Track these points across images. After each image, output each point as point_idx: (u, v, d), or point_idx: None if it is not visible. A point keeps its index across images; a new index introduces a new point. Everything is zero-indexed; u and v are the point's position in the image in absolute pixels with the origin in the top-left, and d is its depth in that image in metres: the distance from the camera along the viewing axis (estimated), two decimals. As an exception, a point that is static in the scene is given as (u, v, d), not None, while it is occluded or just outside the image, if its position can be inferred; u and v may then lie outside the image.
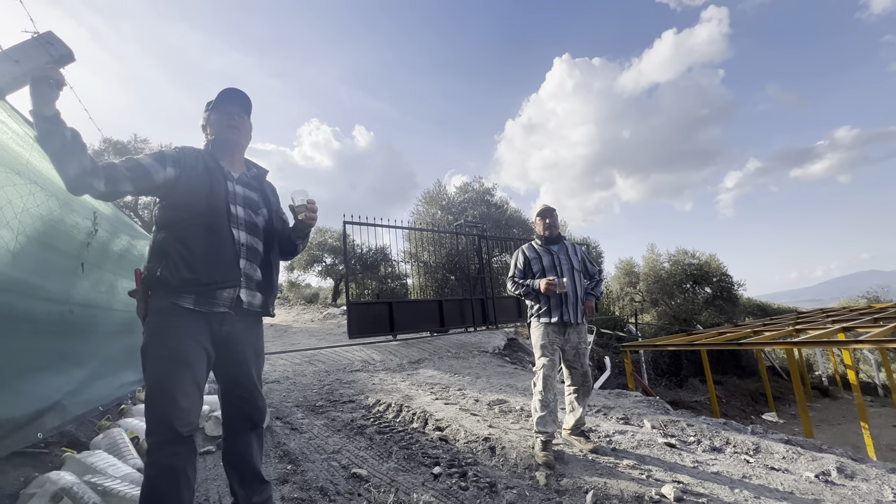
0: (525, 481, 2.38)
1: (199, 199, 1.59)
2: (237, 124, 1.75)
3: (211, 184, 1.63)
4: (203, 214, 1.58)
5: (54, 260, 2.29)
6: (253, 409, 1.74)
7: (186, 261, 1.52)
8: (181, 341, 1.49)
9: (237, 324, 1.66)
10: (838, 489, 2.33)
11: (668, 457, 2.74)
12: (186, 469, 1.46)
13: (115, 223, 3.35)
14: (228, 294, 1.60)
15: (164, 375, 1.46)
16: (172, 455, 1.43)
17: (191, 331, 1.52)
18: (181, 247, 1.53)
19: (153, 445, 1.44)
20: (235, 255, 1.62)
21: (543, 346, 2.80)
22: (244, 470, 1.73)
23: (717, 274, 18.89)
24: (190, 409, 1.47)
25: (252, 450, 1.75)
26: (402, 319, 8.34)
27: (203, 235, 1.56)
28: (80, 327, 2.64)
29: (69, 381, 2.33)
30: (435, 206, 17.41)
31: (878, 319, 8.61)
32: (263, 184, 1.89)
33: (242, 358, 1.69)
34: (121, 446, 2.22)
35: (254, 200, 1.77)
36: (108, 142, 13.43)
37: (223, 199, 1.64)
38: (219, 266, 1.57)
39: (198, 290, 1.53)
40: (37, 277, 2.07)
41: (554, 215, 3.06)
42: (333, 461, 2.65)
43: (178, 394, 1.45)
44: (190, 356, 1.50)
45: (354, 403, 4.04)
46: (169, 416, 1.42)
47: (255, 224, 1.73)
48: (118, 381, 3.16)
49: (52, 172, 2.31)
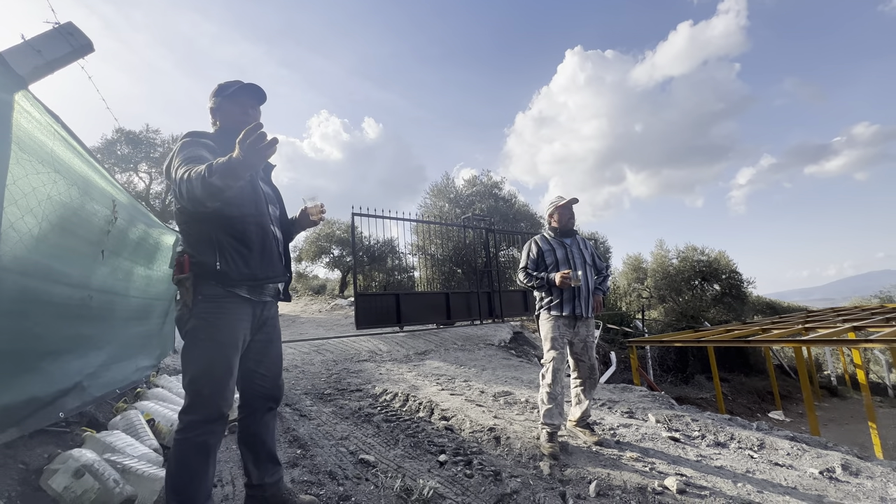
0: (529, 470, 2.42)
1: (247, 197, 1.67)
2: (249, 117, 1.76)
3: (252, 184, 1.71)
4: (253, 214, 1.68)
5: (76, 246, 2.35)
6: (274, 387, 1.84)
7: (245, 258, 1.62)
8: (233, 327, 1.60)
9: (272, 310, 1.82)
10: (842, 486, 2.34)
11: (672, 450, 2.76)
12: (216, 447, 1.56)
13: (131, 212, 3.42)
14: (274, 286, 1.77)
15: (216, 358, 1.55)
16: (209, 433, 1.52)
17: (241, 317, 1.63)
18: (239, 244, 1.62)
19: (190, 423, 1.51)
20: (279, 252, 1.77)
21: (554, 338, 2.81)
22: (259, 450, 1.80)
23: (726, 271, 18.70)
24: (233, 391, 1.61)
25: (268, 430, 1.84)
26: (408, 311, 8.40)
27: (258, 235, 1.67)
28: (99, 313, 2.72)
29: (89, 364, 2.41)
30: (443, 199, 17.40)
31: (889, 319, 8.49)
32: (270, 176, 1.96)
33: (269, 338, 1.81)
34: (137, 428, 2.29)
35: (273, 196, 1.88)
36: (121, 131, 13.57)
37: (263, 199, 1.74)
38: (271, 263, 1.71)
39: (251, 284, 1.65)
40: (59, 263, 2.14)
41: (572, 207, 3.05)
42: (342, 447, 2.71)
43: (227, 376, 1.56)
44: (238, 341, 1.62)
45: (362, 392, 4.11)
46: (216, 395, 1.53)
47: (278, 218, 1.87)
48: (134, 366, 3.26)
49: (74, 161, 2.37)
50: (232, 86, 1.74)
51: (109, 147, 13.49)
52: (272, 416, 1.87)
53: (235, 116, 1.74)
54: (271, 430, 1.87)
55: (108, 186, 2.91)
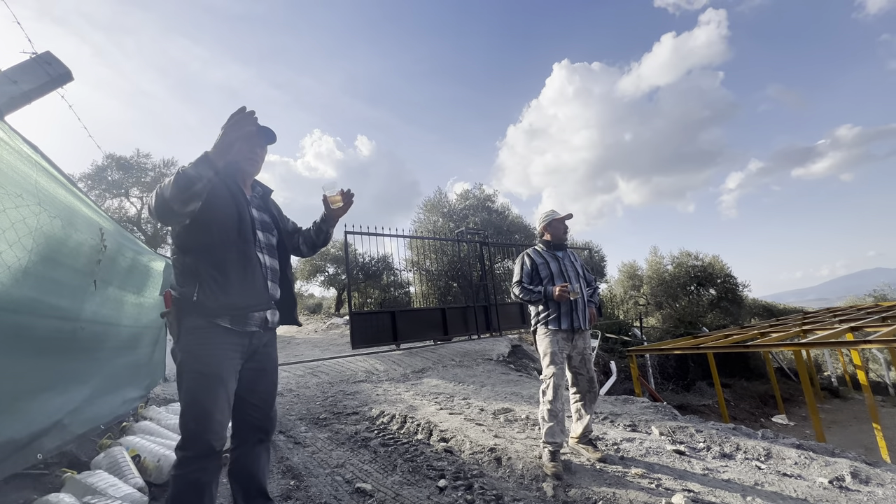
0: (532, 493, 2.34)
1: (229, 224, 1.63)
2: (257, 158, 1.79)
3: (238, 210, 1.67)
4: (235, 241, 1.62)
5: (65, 278, 2.31)
6: (265, 418, 1.77)
7: (222, 286, 1.56)
8: (217, 358, 1.55)
9: (263, 339, 1.75)
10: (853, 495, 2.28)
11: (678, 464, 2.69)
12: (212, 485, 1.50)
13: (119, 239, 3.36)
14: (259, 315, 1.68)
15: (201, 391, 1.51)
16: (200, 470, 1.47)
17: (226, 348, 1.58)
18: (217, 273, 1.57)
19: (183, 460, 1.48)
20: (264, 279, 1.70)
21: (553, 353, 2.75)
22: (249, 485, 1.73)
23: (721, 275, 18.78)
24: (223, 423, 1.53)
25: (259, 464, 1.77)
26: (405, 328, 8.30)
27: (239, 262, 1.61)
28: (87, 344, 2.64)
29: (71, 400, 2.32)
30: (436, 214, 17.43)
31: (885, 318, 8.51)
32: (269, 202, 1.93)
33: (261, 367, 1.75)
34: (122, 465, 2.19)
35: (268, 223, 1.83)
36: (112, 157, 13.54)
37: (249, 226, 1.69)
38: (253, 291, 1.64)
39: (233, 314, 1.60)
40: (47, 295, 2.09)
41: (566, 223, 3.06)
42: (337, 475, 2.62)
43: (214, 409, 1.50)
44: (224, 373, 1.55)
45: (358, 415, 4.00)
46: (204, 431, 1.48)
47: (272, 245, 1.81)
48: (121, 398, 3.15)
49: (59, 191, 2.33)
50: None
51: (100, 173, 13.43)
52: (264, 448, 1.80)
53: (244, 154, 1.75)
54: (262, 463, 1.78)
55: (93, 215, 2.86)
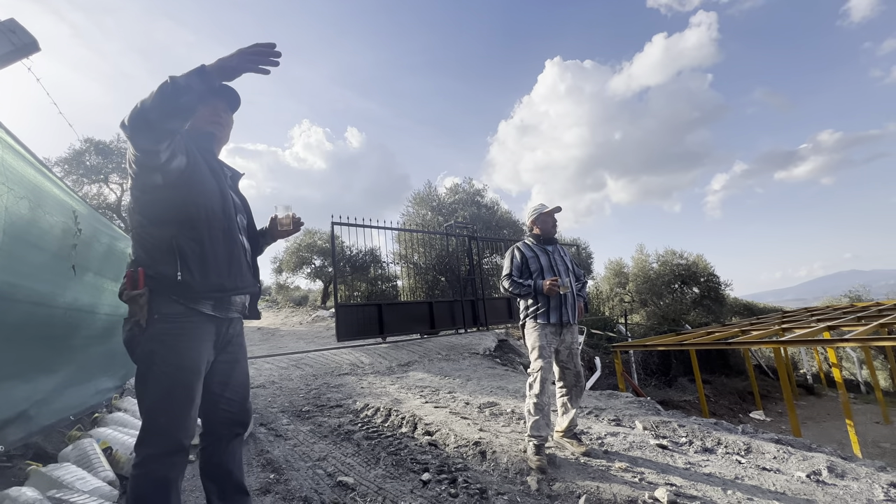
0: (516, 486, 2.32)
1: (213, 200, 1.51)
2: (221, 121, 1.65)
3: (219, 187, 1.55)
4: (221, 219, 1.52)
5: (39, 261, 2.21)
6: (241, 411, 1.66)
7: (209, 265, 1.45)
8: (195, 350, 1.43)
9: (236, 327, 1.65)
10: (830, 489, 2.31)
11: (661, 458, 2.70)
12: (178, 481, 1.39)
13: (93, 223, 3.22)
14: (241, 300, 1.59)
15: (175, 386, 1.38)
16: (168, 467, 1.35)
17: (204, 338, 1.46)
18: (203, 250, 1.44)
19: (147, 457, 1.34)
20: (247, 262, 1.62)
21: (541, 347, 2.74)
22: (224, 482, 1.63)
23: (704, 274, 19.12)
24: (195, 420, 1.44)
25: (234, 459, 1.67)
26: (391, 321, 8.25)
27: (223, 240, 1.51)
28: (58, 331, 2.53)
29: (38, 390, 2.22)
30: (425, 207, 17.33)
31: (861, 318, 8.76)
32: (237, 185, 1.81)
33: (235, 358, 1.65)
34: (92, 458, 2.10)
35: (240, 205, 1.72)
36: (90, 141, 13.08)
37: (231, 205, 1.59)
38: (238, 272, 1.55)
39: (218, 297, 1.48)
40: (19, 279, 1.99)
41: (555, 216, 3.03)
42: (319, 469, 2.56)
43: (190, 406, 1.40)
44: (200, 364, 1.44)
45: (342, 408, 3.94)
46: (176, 427, 1.36)
47: (244, 228, 1.72)
48: (93, 389, 3.04)
49: (26, 171, 2.20)
50: None
51: (77, 157, 12.95)
52: (239, 442, 1.70)
53: (206, 117, 1.62)
54: (238, 458, 1.69)
55: (66, 197, 2.73)
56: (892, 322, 7.66)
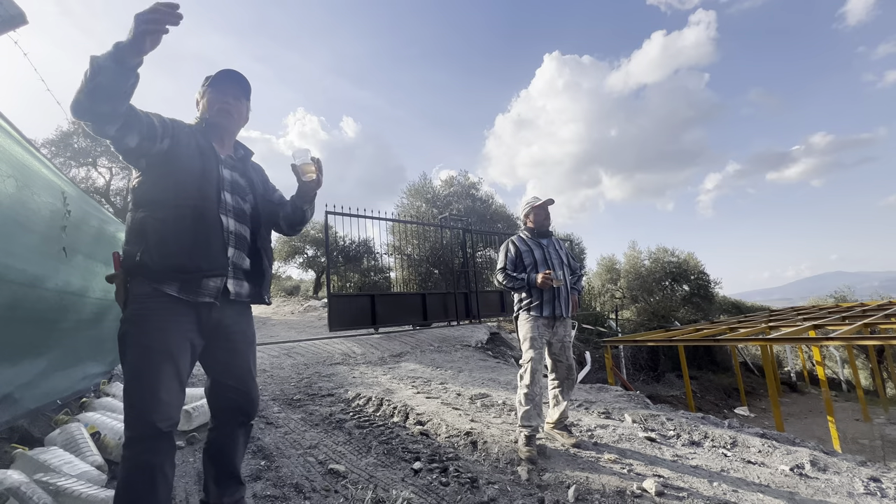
0: (507, 476, 2.34)
1: (189, 180, 1.48)
2: (230, 108, 1.65)
3: (203, 166, 1.53)
4: (192, 197, 1.47)
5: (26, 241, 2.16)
6: (245, 399, 1.65)
7: (169, 245, 1.41)
8: (163, 330, 1.39)
9: (227, 311, 1.58)
10: (812, 482, 2.37)
11: (649, 451, 2.74)
12: (164, 466, 1.37)
13: (83, 206, 3.15)
14: (215, 284, 1.50)
15: (144, 366, 1.36)
16: (149, 451, 1.34)
17: (175, 319, 1.42)
18: (164, 229, 1.42)
19: (129, 441, 1.35)
20: (223, 244, 1.53)
21: (533, 338, 2.75)
22: (222, 467, 1.66)
23: (694, 272, 19.34)
24: (170, 402, 1.38)
25: (236, 447, 1.68)
26: (384, 312, 8.24)
27: (190, 219, 1.45)
28: (45, 314, 2.48)
29: (23, 373, 2.18)
30: (420, 199, 17.25)
31: (845, 318, 8.94)
32: (248, 166, 1.77)
33: (233, 346, 1.62)
34: (79, 442, 2.07)
35: (241, 186, 1.68)
36: (78, 123, 12.79)
37: (215, 185, 1.54)
38: (205, 253, 1.47)
39: (182, 278, 1.43)
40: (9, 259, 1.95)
41: (548, 208, 3.03)
42: (310, 456, 2.56)
43: (158, 386, 1.35)
44: (171, 346, 1.40)
45: (334, 397, 3.94)
46: (148, 410, 1.33)
47: (242, 211, 1.64)
48: (81, 373, 3.00)
49: (13, 148, 2.14)
50: (211, 76, 1.65)
51: (65, 139, 12.66)
52: (244, 431, 1.71)
53: (214, 105, 1.62)
54: (240, 446, 1.70)
55: (54, 178, 2.67)
56: (875, 322, 7.83)
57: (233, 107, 1.65)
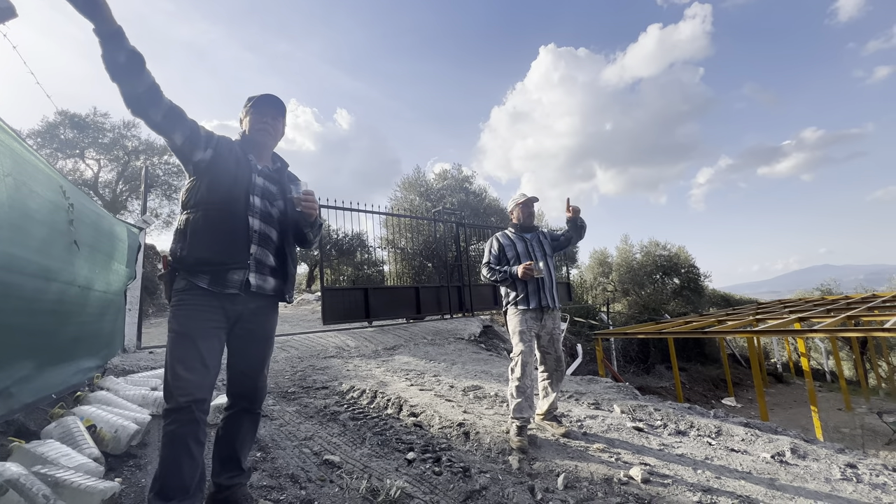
0: (498, 465, 2.40)
1: (223, 185, 1.70)
2: (268, 127, 1.88)
3: (236, 174, 1.74)
4: (223, 200, 1.69)
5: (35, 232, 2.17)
6: (251, 387, 1.80)
7: (200, 241, 1.63)
8: (190, 317, 1.60)
9: (251, 304, 1.74)
10: (792, 468, 2.46)
11: (637, 440, 2.82)
12: (187, 438, 1.51)
13: (80, 200, 3.13)
14: (238, 276, 1.68)
15: (174, 348, 1.58)
16: (175, 423, 1.51)
17: (202, 308, 1.62)
18: (197, 228, 1.64)
19: (164, 413, 1.54)
20: (247, 240, 1.71)
21: (522, 332, 2.81)
22: (225, 448, 1.77)
23: (685, 265, 19.60)
24: (189, 380, 1.54)
25: (238, 431, 1.79)
26: (377, 306, 8.27)
27: (219, 219, 1.67)
28: (44, 307, 2.47)
29: (19, 368, 2.18)
30: (413, 193, 17.23)
31: (830, 310, 9.15)
32: (283, 176, 1.96)
33: (251, 336, 1.78)
34: (75, 435, 2.09)
35: (271, 192, 1.86)
36: (65, 114, 12.54)
37: (244, 189, 1.74)
38: (230, 248, 1.67)
39: (211, 270, 1.63)
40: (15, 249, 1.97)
41: (532, 205, 3.15)
42: (305, 448, 2.60)
43: (178, 365, 1.55)
44: (194, 330, 1.59)
45: (328, 390, 3.98)
46: (175, 385, 1.53)
47: (269, 214, 1.82)
48: (75, 367, 2.99)
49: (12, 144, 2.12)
50: (253, 98, 1.89)
51: (51, 130, 12.44)
52: (249, 419, 1.82)
53: (255, 125, 1.86)
54: (243, 433, 1.80)
55: (49, 171, 2.64)
56: (858, 315, 8.02)
57: (270, 125, 1.88)
